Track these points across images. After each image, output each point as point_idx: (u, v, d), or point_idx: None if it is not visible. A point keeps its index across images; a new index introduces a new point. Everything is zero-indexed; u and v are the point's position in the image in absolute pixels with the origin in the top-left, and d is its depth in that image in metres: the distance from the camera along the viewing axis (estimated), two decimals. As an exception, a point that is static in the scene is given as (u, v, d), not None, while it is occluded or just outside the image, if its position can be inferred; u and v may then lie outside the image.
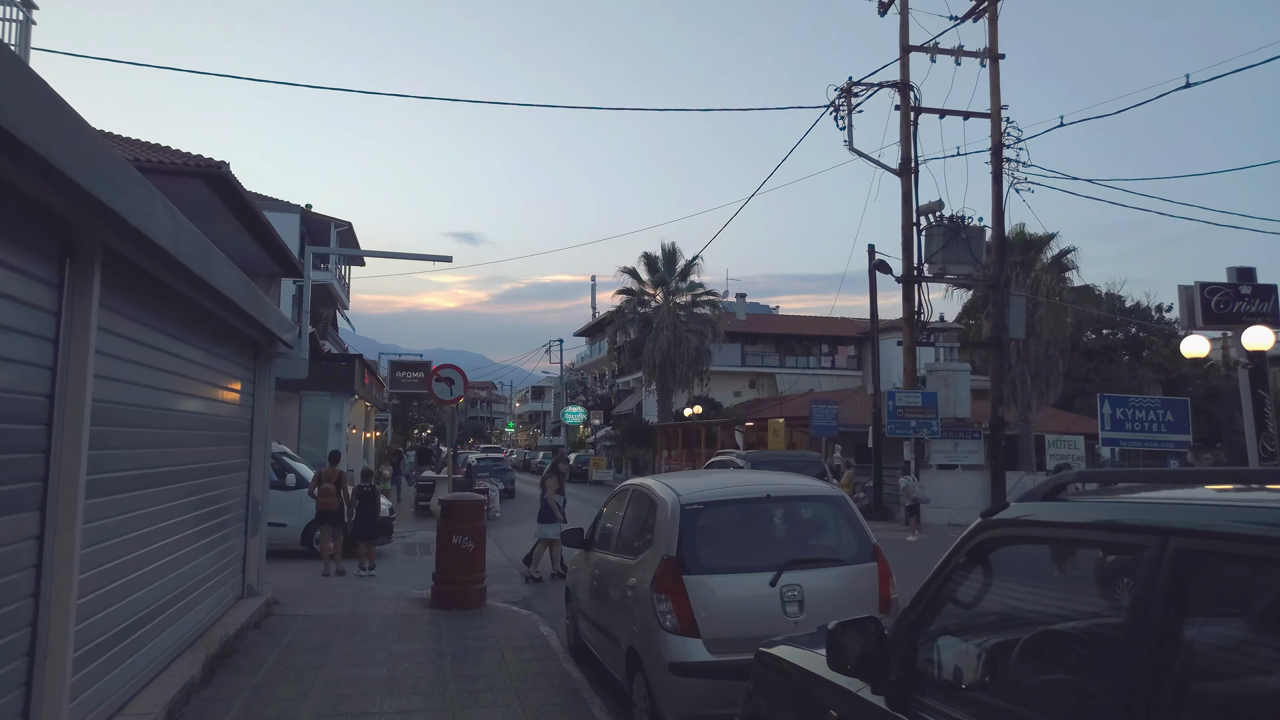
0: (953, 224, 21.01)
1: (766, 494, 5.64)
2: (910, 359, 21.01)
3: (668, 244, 45.49)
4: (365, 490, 12.63)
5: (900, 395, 20.37)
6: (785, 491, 5.79)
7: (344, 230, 40.03)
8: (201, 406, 7.51)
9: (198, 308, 6.72)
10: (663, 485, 5.90)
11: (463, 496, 10.09)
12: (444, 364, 11.55)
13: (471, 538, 9.56)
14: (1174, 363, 44.54)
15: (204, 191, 19.13)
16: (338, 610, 9.37)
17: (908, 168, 21.13)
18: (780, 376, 53.18)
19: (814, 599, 5.18)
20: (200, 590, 7.52)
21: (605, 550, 6.71)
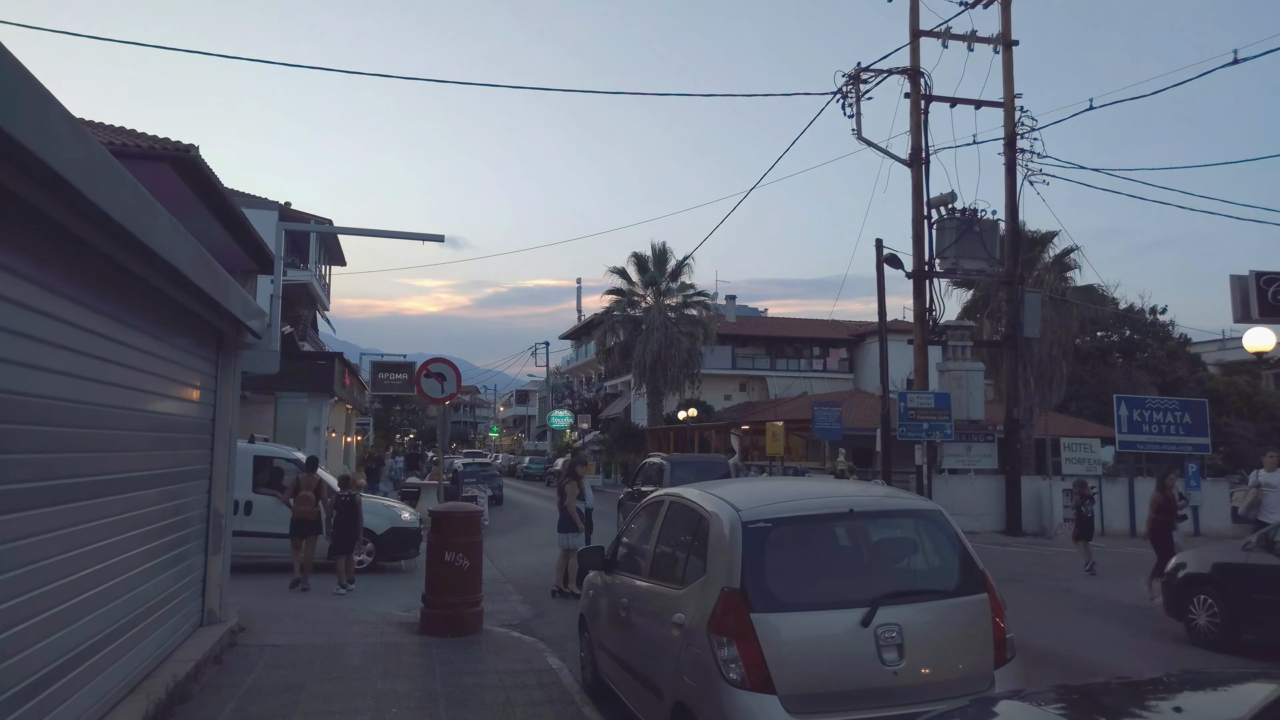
0: (966, 217, 20.06)
1: (849, 508, 4.51)
2: (921, 358, 20.00)
3: (658, 243, 44.52)
4: (345, 500, 11.44)
5: (912, 396, 19.35)
6: (872, 505, 4.68)
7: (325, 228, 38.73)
8: (148, 403, 6.31)
9: (138, 281, 5.54)
10: (712, 497, 4.78)
11: (456, 508, 8.92)
12: (434, 358, 10.38)
13: (466, 554, 8.39)
14: (1169, 365, 44.01)
15: (172, 179, 17.84)
16: (313, 638, 8.17)
17: (918, 158, 20.15)
18: (771, 379, 52.30)
19: (916, 641, 4.07)
20: (146, 623, 6.32)
21: (634, 574, 5.58)
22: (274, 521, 12.05)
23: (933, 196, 20.19)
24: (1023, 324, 20.00)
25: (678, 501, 5.24)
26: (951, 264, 20.12)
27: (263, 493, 12.57)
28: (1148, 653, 8.56)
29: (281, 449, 14.45)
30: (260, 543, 12.21)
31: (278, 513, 12.04)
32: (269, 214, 34.72)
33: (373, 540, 12.96)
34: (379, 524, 13.02)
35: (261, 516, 12.33)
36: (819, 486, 5.42)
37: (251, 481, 12.42)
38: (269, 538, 12.09)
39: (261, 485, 12.70)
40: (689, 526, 4.89)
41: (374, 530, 12.89)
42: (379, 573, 13.09)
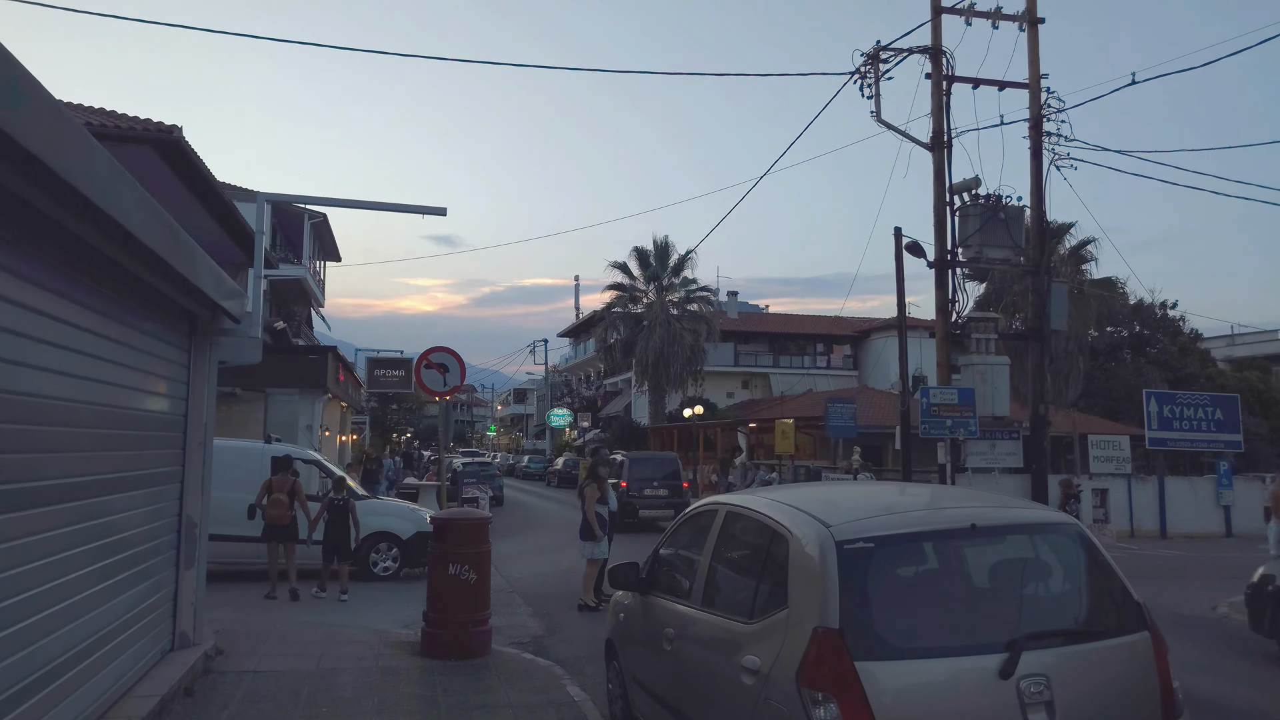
0: (990, 203, 19.11)
1: (970, 522, 3.55)
2: (944, 351, 19.07)
3: (659, 238, 43.61)
4: (337, 503, 10.53)
5: (935, 392, 18.43)
6: (998, 518, 3.68)
7: (318, 222, 37.70)
8: (105, 396, 5.38)
9: (90, 251, 4.61)
10: (787, 508, 3.84)
11: (462, 514, 7.97)
12: (435, 347, 9.41)
13: (473, 566, 7.45)
14: (1180, 360, 43.20)
15: (155, 163, 16.84)
16: (300, 662, 7.23)
17: (940, 141, 19.21)
18: (774, 377, 51.40)
19: (1068, 698, 3.14)
20: (104, 650, 5.39)
21: (678, 598, 4.63)
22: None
23: (955, 182, 19.25)
24: (1049, 315, 19.06)
25: (739, 512, 4.29)
26: (975, 253, 19.18)
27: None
28: (1252, 679, 7.63)
29: (301, 450, 13.73)
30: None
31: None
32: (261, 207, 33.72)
33: (399, 546, 12.17)
34: (404, 528, 12.21)
35: None
36: (924, 494, 4.46)
37: None
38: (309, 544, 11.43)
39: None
40: (757, 545, 3.95)
41: (399, 535, 12.16)
42: (380, 581, 12.20)
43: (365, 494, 13.15)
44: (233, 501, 10.92)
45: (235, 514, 10.97)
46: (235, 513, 10.97)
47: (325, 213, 36.57)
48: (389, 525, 12.17)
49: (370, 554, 12.07)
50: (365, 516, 11.92)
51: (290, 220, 35.67)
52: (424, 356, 9.42)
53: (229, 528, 10.82)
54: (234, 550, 11.30)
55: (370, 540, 12.02)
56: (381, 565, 12.21)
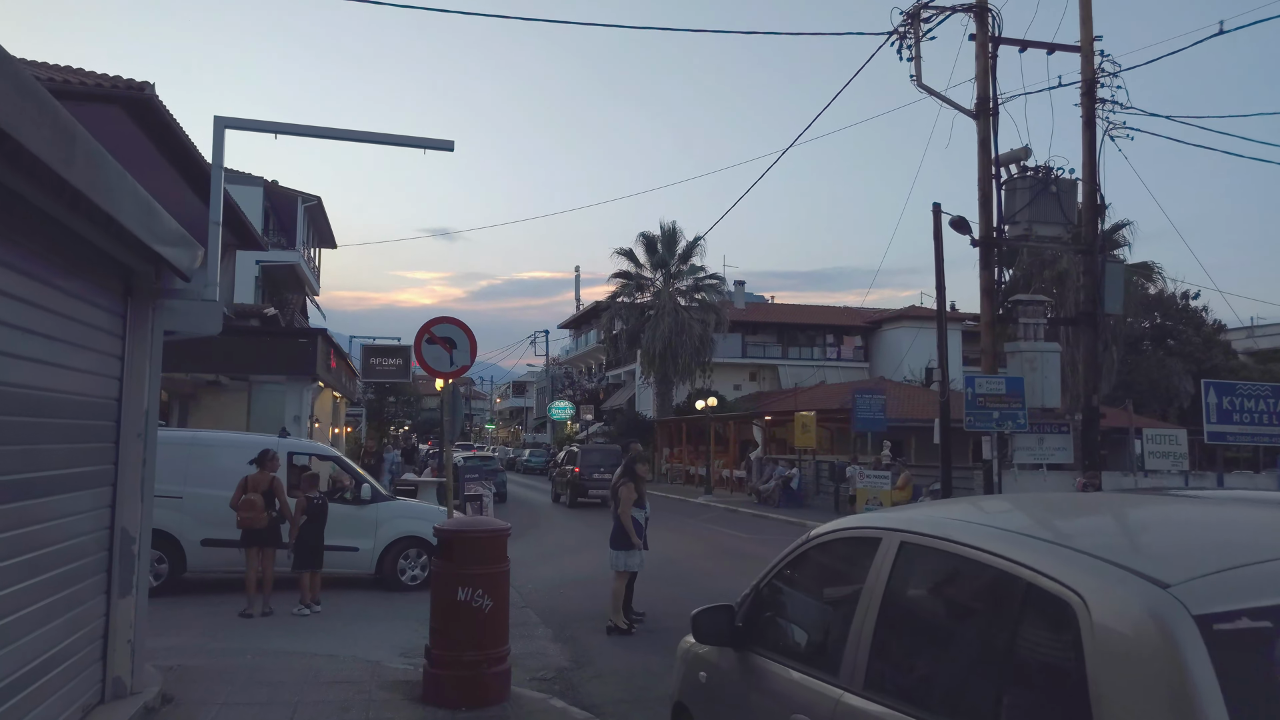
0: (1041, 176, 17.57)
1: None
2: (989, 337, 17.53)
3: (667, 223, 42.00)
4: (316, 503, 9.09)
5: (981, 381, 16.90)
6: None
7: (313, 205, 36.11)
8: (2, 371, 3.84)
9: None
10: (1048, 545, 2.27)
11: (475, 525, 6.43)
12: (440, 317, 7.84)
13: (489, 590, 5.90)
14: (1205, 352, 41.77)
15: (125, 124, 15.21)
16: (267, 713, 5.69)
17: (985, 107, 17.66)
18: (783, 368, 49.88)
19: None
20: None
21: (819, 673, 3.06)
22: (342, 533, 10.29)
23: (1003, 153, 17.72)
24: (1104, 298, 17.55)
25: (933, 548, 2.70)
26: (1024, 229, 17.64)
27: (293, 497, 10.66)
28: None
29: (320, 446, 12.46)
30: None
31: (346, 521, 10.40)
32: (253, 190, 32.21)
33: (428, 552, 10.82)
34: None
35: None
36: (1176, 512, 2.84)
37: (285, 485, 10.37)
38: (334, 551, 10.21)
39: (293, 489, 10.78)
40: (988, 607, 2.39)
41: (428, 539, 10.76)
42: (407, 591, 10.77)
43: (387, 494, 11.76)
44: None
45: None
46: None
47: (320, 195, 35.07)
48: (417, 529, 10.82)
49: (398, 560, 10.85)
50: (391, 520, 10.81)
51: (284, 203, 34.10)
52: (425, 329, 7.79)
53: (231, 531, 9.64)
54: (235, 557, 9.99)
55: (397, 546, 10.82)
56: (410, 574, 10.90)
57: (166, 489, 9.50)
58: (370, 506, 10.88)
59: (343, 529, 10.54)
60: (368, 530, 10.76)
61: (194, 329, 5.84)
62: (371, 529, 10.77)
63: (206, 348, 14.66)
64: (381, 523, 10.82)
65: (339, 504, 10.70)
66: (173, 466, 9.74)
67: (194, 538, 10.03)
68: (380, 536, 10.78)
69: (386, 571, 10.79)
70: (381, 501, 11.03)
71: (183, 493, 9.97)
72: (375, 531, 10.78)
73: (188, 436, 10.85)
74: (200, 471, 10.26)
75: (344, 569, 10.75)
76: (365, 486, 10.95)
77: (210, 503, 9.94)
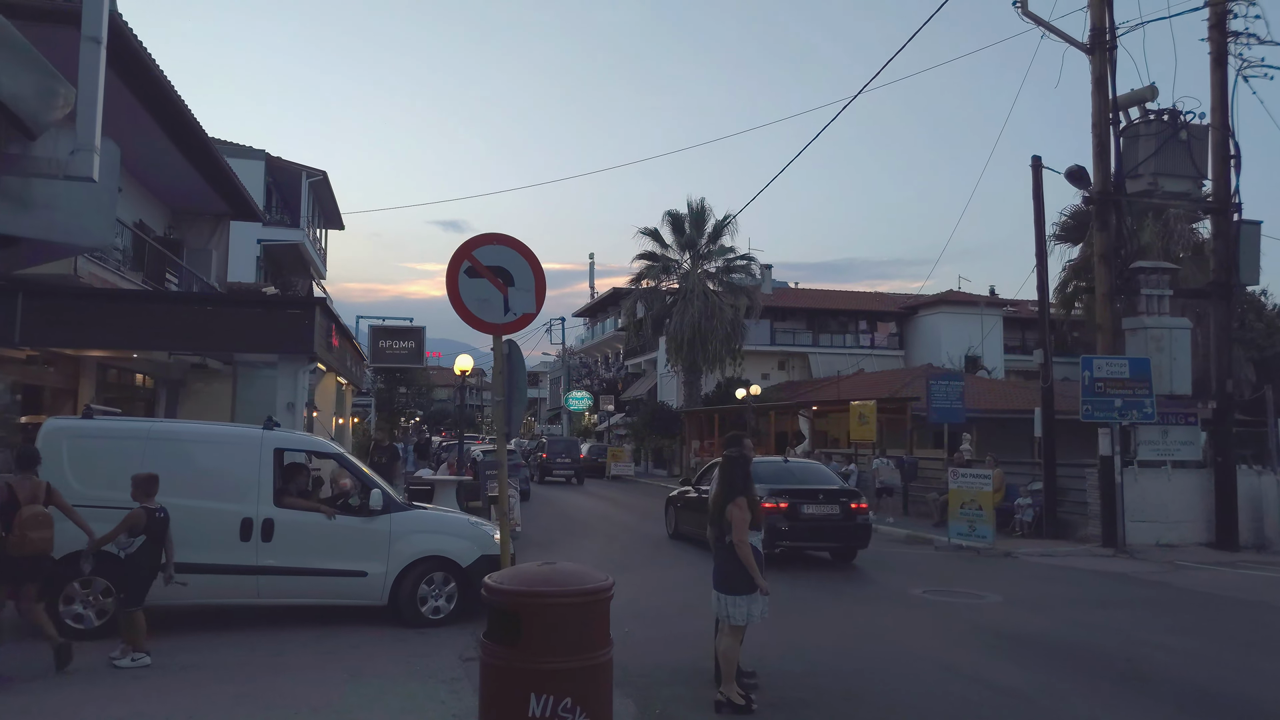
0: (1168, 120, 14.89)
1: None
2: (1108, 312, 14.83)
3: (695, 201, 39.19)
4: (159, 517, 6.75)
5: (1100, 363, 14.24)
6: None
7: (318, 180, 33.65)
8: None
9: None
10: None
11: (554, 581, 3.77)
12: (486, 235, 5.22)
13: (583, 699, 3.34)
14: (1267, 340, 39.11)
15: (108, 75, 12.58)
16: None
17: (1101, 40, 14.97)
18: (814, 356, 47.30)
19: None
20: None
21: None
22: (305, 550, 8.19)
23: (1122, 94, 15.05)
24: (1239, 265, 14.89)
25: None
26: (1148, 183, 14.98)
27: (291, 505, 8.34)
28: None
29: (318, 441, 9.87)
30: (283, 583, 8.18)
31: (311, 536, 8.21)
32: (254, 164, 29.63)
33: (456, 577, 8.54)
34: (464, 550, 8.59)
35: (288, 543, 8.13)
36: None
37: (272, 489, 8.24)
38: (296, 575, 8.16)
39: (290, 494, 8.50)
40: None
41: (457, 560, 8.53)
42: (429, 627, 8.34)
43: (403, 501, 9.25)
44: (218, 515, 7.97)
45: (222, 532, 7.91)
46: (222, 530, 7.91)
47: (324, 170, 32.65)
48: (443, 547, 8.53)
49: (418, 587, 8.43)
50: (408, 535, 8.47)
51: (287, 179, 31.69)
52: (464, 253, 5.08)
53: (211, 552, 7.81)
54: (217, 586, 7.98)
55: (418, 569, 8.41)
56: (433, 604, 8.50)
57: (114, 497, 7.37)
58: (381, 518, 8.43)
59: (346, 547, 8.28)
60: (378, 549, 8.34)
61: (57, 232, 3.27)
62: (383, 547, 8.36)
63: (177, 319, 12.14)
64: (396, 539, 8.42)
65: (343, 514, 8.41)
66: (125, 466, 7.52)
67: None
68: (395, 557, 8.36)
69: (403, 601, 8.34)
70: (396, 511, 8.56)
71: None
72: (388, 550, 8.36)
73: (143, 428, 8.34)
74: (163, 472, 7.86)
75: (346, 599, 8.39)
76: (375, 492, 8.47)
77: (175, 515, 7.70)
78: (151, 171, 17.94)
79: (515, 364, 5.73)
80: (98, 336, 11.56)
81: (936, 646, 7.72)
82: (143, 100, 14.33)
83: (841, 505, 12.65)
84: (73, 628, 7.39)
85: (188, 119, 15.41)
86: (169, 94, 14.33)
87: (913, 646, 7.75)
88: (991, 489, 14.41)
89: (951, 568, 12.68)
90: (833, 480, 13.61)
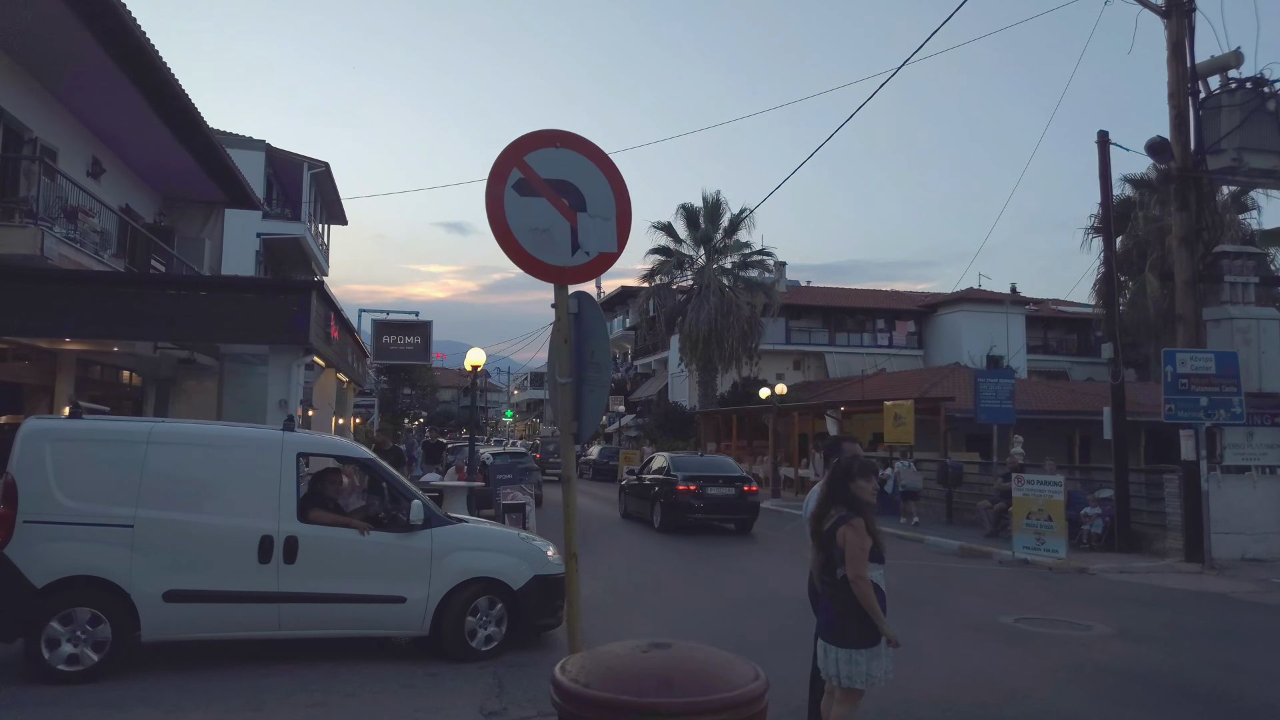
0: (1253, 90, 13.46)
1: None
2: (1189, 300, 13.38)
3: (710, 194, 37.80)
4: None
5: (1184, 357, 12.81)
6: None
7: (320, 172, 32.33)
8: None
9: None
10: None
11: (677, 678, 2.40)
12: (543, 132, 3.71)
13: None
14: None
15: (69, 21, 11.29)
16: None
17: (1178, 1, 13.57)
18: (830, 356, 45.89)
19: None
20: None
21: None
22: (334, 573, 6.83)
23: (1201, 62, 13.63)
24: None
25: None
26: (1233, 159, 13.52)
27: (317, 520, 6.96)
28: None
29: (346, 444, 8.49)
30: (308, 612, 6.81)
31: (341, 556, 6.87)
32: (254, 154, 28.28)
33: (504, 600, 7.28)
34: (516, 570, 7.36)
35: (314, 565, 6.77)
36: None
37: (295, 501, 6.88)
38: (324, 602, 6.80)
39: (315, 506, 7.12)
40: None
41: (508, 582, 7.28)
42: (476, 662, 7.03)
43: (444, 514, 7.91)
44: (232, 533, 6.67)
45: (237, 553, 6.61)
46: (237, 551, 6.62)
47: (327, 162, 31.37)
48: (493, 566, 7.30)
49: (465, 616, 7.14)
50: (452, 553, 7.19)
51: (288, 170, 30.40)
52: (512, 156, 3.59)
53: (224, 577, 6.58)
54: (230, 617, 6.68)
55: (464, 592, 7.13)
56: (483, 634, 7.21)
57: (108, 513, 6.40)
58: (422, 534, 7.13)
59: (381, 568, 6.99)
60: (418, 570, 7.07)
61: None
62: (424, 568, 7.07)
63: (153, 304, 10.75)
64: (438, 558, 7.13)
65: (377, 530, 7.13)
66: (121, 476, 6.47)
67: (152, 589, 6.41)
68: (438, 578, 7.09)
69: (447, 631, 7.04)
70: (437, 526, 7.24)
71: (134, 518, 6.46)
72: (429, 571, 7.08)
73: (143, 430, 6.91)
74: (164, 484, 6.64)
75: (381, 629, 7.17)
76: (415, 504, 7.17)
77: (179, 534, 6.55)
78: (137, 150, 16.60)
79: (589, 328, 3.98)
80: (56, 325, 10.16)
81: (1070, 698, 6.31)
82: (121, 64, 12.99)
83: (736, 488, 17.08)
84: (69, 672, 6.16)
85: (173, 87, 14.05)
86: (152, 58, 12.97)
87: (1040, 694, 6.35)
88: (1063, 498, 12.98)
89: (1027, 588, 11.25)
90: (734, 470, 17.94)
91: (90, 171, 15.12)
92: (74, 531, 6.26)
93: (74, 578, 6.23)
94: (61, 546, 6.25)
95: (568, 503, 4.19)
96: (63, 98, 13.97)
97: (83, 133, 15.05)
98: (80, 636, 6.20)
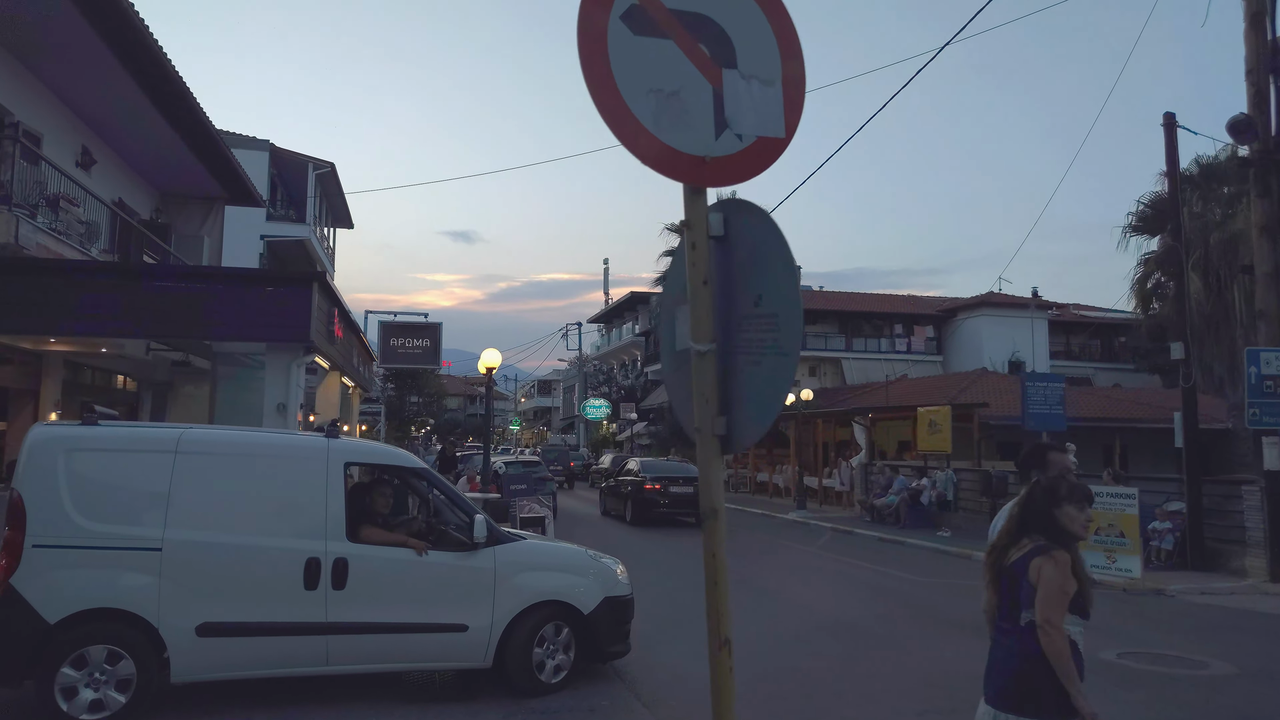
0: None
1: None
2: (1271, 294, 12.28)
3: (725, 193, 36.76)
4: None
5: (1269, 357, 11.69)
6: None
7: (325, 173, 31.42)
8: None
9: None
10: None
11: None
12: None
13: None
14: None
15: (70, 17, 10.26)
16: None
17: (1256, -28, 12.49)
18: (847, 362, 44.80)
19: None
20: None
21: None
22: (388, 599, 5.95)
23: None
24: None
25: None
26: (1319, 141, 12.45)
27: (369, 540, 6.02)
28: None
29: (397, 452, 7.23)
30: (360, 644, 5.90)
31: (396, 580, 6.00)
32: (258, 154, 27.33)
33: (570, 625, 6.40)
34: (586, 592, 6.49)
35: (366, 591, 5.90)
36: None
37: (344, 518, 5.98)
38: (378, 633, 5.90)
39: (366, 524, 6.16)
40: None
41: (578, 607, 6.42)
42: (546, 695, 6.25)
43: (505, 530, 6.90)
44: (275, 556, 5.78)
45: (281, 578, 5.73)
46: (281, 576, 5.73)
47: (332, 163, 30.49)
48: (561, 588, 6.48)
49: (532, 646, 6.27)
50: (517, 575, 6.32)
51: (292, 171, 29.53)
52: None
53: (267, 607, 5.68)
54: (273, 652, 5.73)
55: (531, 619, 6.27)
56: (552, 664, 6.34)
57: (132, 534, 5.49)
58: (484, 552, 6.24)
59: (441, 593, 6.14)
60: (481, 594, 6.18)
61: None
62: (487, 592, 6.19)
63: (140, 298, 9.69)
64: (503, 579, 6.24)
65: (435, 550, 6.21)
66: (146, 491, 5.54)
67: (184, 622, 5.45)
68: (501, 603, 6.20)
69: (512, 661, 6.14)
70: (501, 543, 6.35)
71: (163, 540, 5.49)
72: (493, 595, 6.19)
73: (170, 437, 5.83)
74: (196, 500, 5.67)
75: (441, 661, 6.30)
76: (479, 519, 6.23)
77: (214, 557, 5.62)
78: (131, 141, 15.59)
79: (752, 258, 2.40)
80: (36, 322, 9.11)
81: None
82: (113, 45, 11.98)
83: (695, 487, 17.64)
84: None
85: (168, 71, 13.04)
86: (144, 38, 11.98)
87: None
88: (1137, 512, 11.84)
89: (1107, 614, 10.09)
90: (693, 472, 18.74)
91: (79, 162, 14.13)
92: (92, 557, 5.37)
93: (93, 610, 5.29)
94: (78, 574, 5.34)
95: (712, 551, 2.39)
96: (49, 82, 12.98)
97: (72, 121, 14.06)
98: (99, 679, 5.22)
